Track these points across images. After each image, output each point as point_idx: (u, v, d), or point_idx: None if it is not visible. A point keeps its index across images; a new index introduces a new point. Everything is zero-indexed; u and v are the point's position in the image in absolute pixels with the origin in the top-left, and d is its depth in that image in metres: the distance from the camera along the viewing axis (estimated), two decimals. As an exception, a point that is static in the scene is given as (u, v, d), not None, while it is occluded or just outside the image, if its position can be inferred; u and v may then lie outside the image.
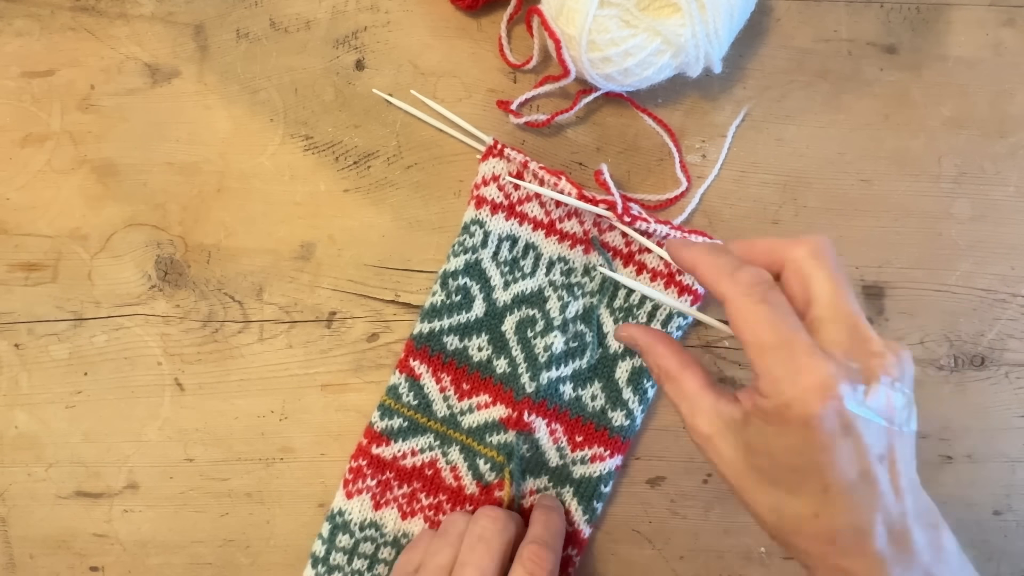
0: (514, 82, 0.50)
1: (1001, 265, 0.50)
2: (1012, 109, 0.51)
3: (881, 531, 0.34)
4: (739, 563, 0.50)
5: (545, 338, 0.48)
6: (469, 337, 0.49)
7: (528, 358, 0.48)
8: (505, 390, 0.48)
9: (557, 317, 0.48)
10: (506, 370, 0.48)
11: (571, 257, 0.49)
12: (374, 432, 0.48)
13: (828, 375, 0.33)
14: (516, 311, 0.49)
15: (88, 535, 0.49)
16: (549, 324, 0.48)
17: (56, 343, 0.49)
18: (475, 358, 0.49)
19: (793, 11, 0.51)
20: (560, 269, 0.49)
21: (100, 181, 0.49)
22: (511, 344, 0.49)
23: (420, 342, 0.48)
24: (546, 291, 0.49)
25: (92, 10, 0.50)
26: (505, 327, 0.49)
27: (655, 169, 0.50)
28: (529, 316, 0.49)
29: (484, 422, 0.48)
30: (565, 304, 0.48)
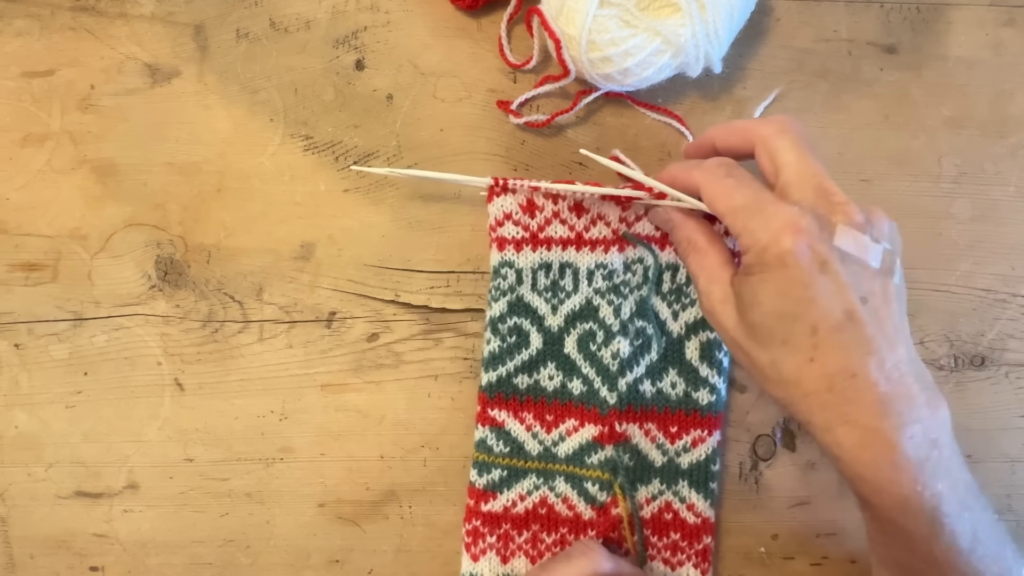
0: (514, 82, 0.50)
1: (1001, 265, 0.50)
2: (1012, 109, 0.51)
3: (877, 375, 0.36)
4: (739, 563, 0.50)
5: (609, 347, 0.48)
6: (537, 370, 0.48)
7: (600, 371, 0.48)
8: (588, 408, 0.48)
9: (614, 322, 0.48)
10: (582, 389, 0.48)
11: (607, 261, 0.48)
12: (477, 490, 0.48)
13: (795, 214, 0.37)
14: (572, 330, 0.48)
15: (88, 535, 0.49)
16: (609, 332, 0.48)
17: (56, 343, 0.49)
18: (549, 388, 0.48)
19: (793, 11, 0.51)
20: (600, 275, 0.48)
21: (100, 181, 0.49)
22: (579, 363, 0.48)
23: (492, 391, 0.48)
24: (594, 300, 0.48)
25: (92, 10, 0.50)
26: (567, 349, 0.48)
27: (656, 169, 0.50)
28: (587, 330, 0.48)
29: (579, 446, 0.48)
30: (617, 307, 0.48)
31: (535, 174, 0.50)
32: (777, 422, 0.50)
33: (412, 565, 0.49)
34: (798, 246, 0.36)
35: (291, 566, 0.49)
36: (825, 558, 0.50)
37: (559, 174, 0.50)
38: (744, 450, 0.50)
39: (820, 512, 0.50)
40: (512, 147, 0.50)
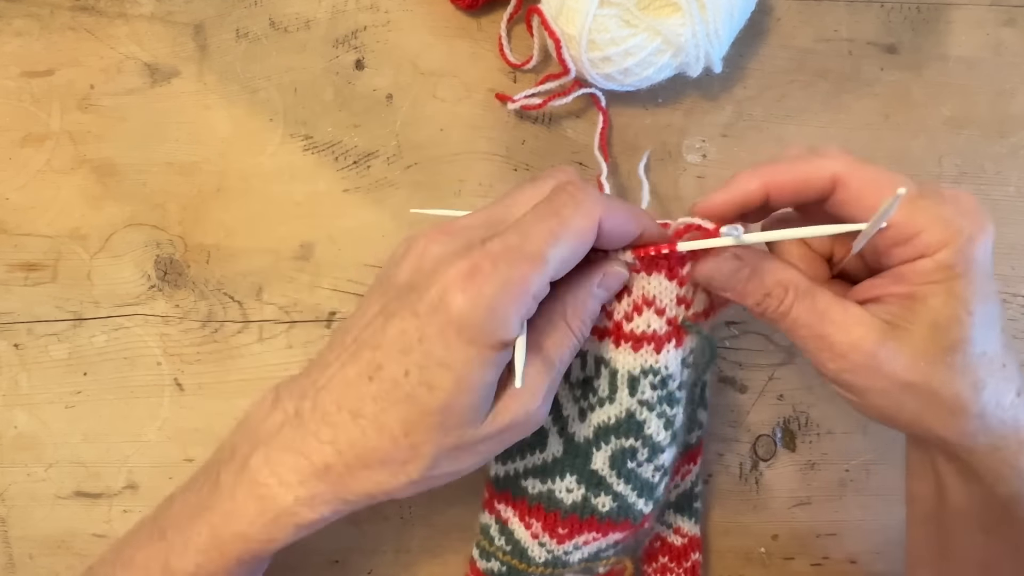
0: (514, 82, 0.50)
1: (1001, 265, 0.50)
2: (1012, 109, 0.51)
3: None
4: (739, 563, 0.50)
5: (655, 461, 0.39)
6: (552, 479, 0.40)
7: (638, 486, 0.39)
8: (617, 522, 0.40)
9: (664, 436, 0.38)
10: (612, 507, 0.40)
11: (660, 365, 0.37)
12: (479, 571, 0.44)
13: (973, 198, 0.32)
14: (605, 445, 0.39)
15: (88, 535, 0.49)
16: (655, 448, 0.38)
17: (56, 343, 0.49)
18: (567, 501, 0.40)
19: (793, 11, 0.51)
20: (649, 384, 0.38)
21: (100, 181, 0.49)
22: (611, 481, 0.39)
23: (499, 485, 0.42)
24: (639, 414, 0.38)
25: (92, 10, 0.50)
26: (596, 465, 0.39)
27: (655, 169, 0.50)
28: (626, 447, 0.38)
29: (597, 550, 0.41)
30: (670, 419, 0.38)
31: (535, 174, 0.50)
32: (777, 422, 0.50)
33: (412, 565, 0.49)
34: (990, 235, 0.32)
35: (290, 566, 0.49)
36: (826, 558, 0.50)
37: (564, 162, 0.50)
38: (744, 450, 0.50)
39: (820, 512, 0.50)
40: (512, 147, 0.50)
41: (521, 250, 0.32)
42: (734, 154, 0.50)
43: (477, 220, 0.35)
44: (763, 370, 0.50)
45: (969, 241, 0.31)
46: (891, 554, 0.50)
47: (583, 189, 0.34)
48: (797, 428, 0.50)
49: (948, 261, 0.32)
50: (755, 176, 0.34)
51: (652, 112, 0.50)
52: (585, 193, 0.34)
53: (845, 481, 0.50)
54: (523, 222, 0.33)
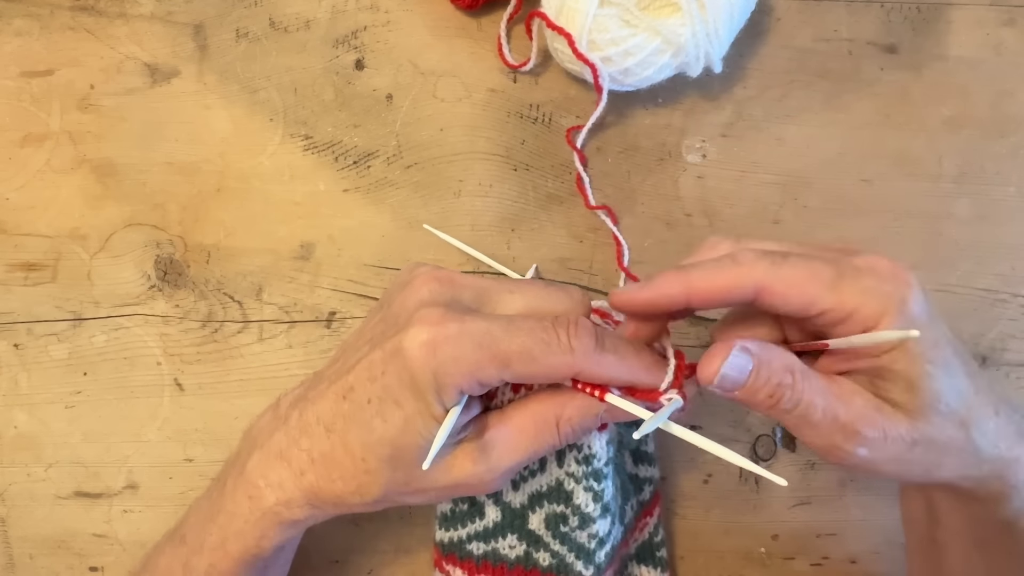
0: (514, 82, 0.50)
1: (1002, 265, 0.50)
2: (1013, 109, 0.50)
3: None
4: (739, 563, 0.50)
5: (587, 529, 0.41)
6: (495, 539, 0.43)
7: (574, 549, 0.41)
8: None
9: (593, 507, 0.40)
10: (552, 562, 0.42)
11: (584, 443, 0.40)
12: None
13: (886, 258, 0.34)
14: (539, 508, 0.42)
15: (88, 535, 0.49)
16: (585, 518, 0.40)
17: (55, 343, 0.49)
18: (511, 555, 0.43)
19: (793, 11, 0.50)
20: (574, 458, 0.40)
21: (99, 181, 0.49)
22: (547, 540, 0.42)
23: (445, 550, 0.44)
24: (566, 484, 0.41)
25: (92, 10, 0.50)
26: (533, 525, 0.42)
27: (655, 169, 0.50)
28: (557, 512, 0.41)
29: None
30: (598, 493, 0.40)
31: (535, 174, 0.50)
32: (777, 422, 0.50)
33: (412, 565, 0.49)
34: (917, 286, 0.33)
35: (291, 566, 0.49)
36: (826, 558, 0.50)
37: (559, 174, 0.50)
38: (744, 450, 0.50)
39: (820, 512, 0.50)
40: (512, 147, 0.50)
41: (494, 344, 0.34)
42: (734, 154, 0.50)
43: (474, 286, 0.37)
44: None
45: (902, 303, 0.32)
46: (891, 554, 0.50)
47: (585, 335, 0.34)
48: (797, 428, 0.50)
49: (891, 324, 0.32)
50: (678, 281, 0.34)
51: (652, 112, 0.50)
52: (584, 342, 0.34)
53: (845, 481, 0.50)
54: (514, 325, 0.34)
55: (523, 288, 0.37)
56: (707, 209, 0.50)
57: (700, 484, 0.50)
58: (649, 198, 0.50)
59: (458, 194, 0.50)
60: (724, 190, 0.50)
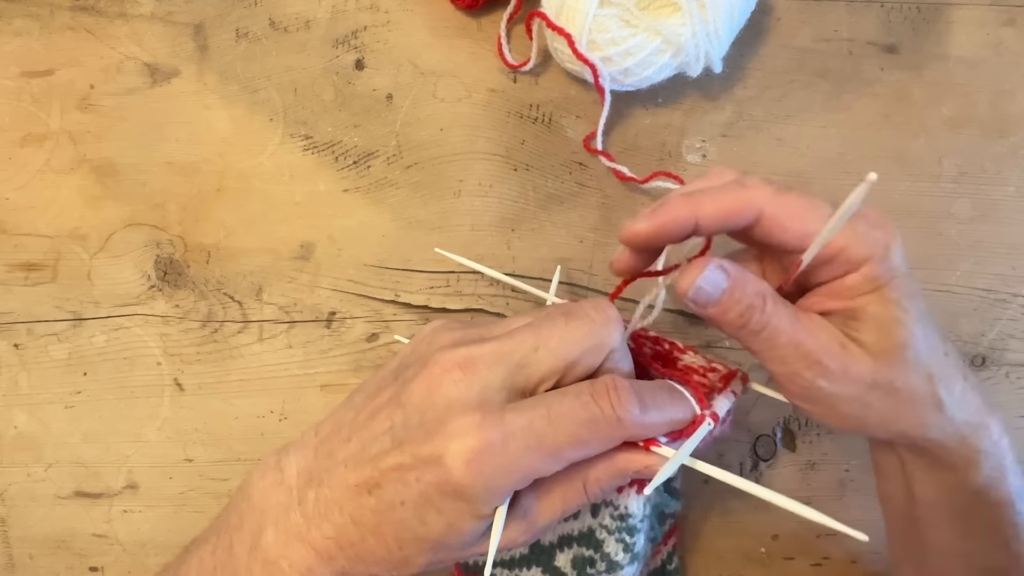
0: (514, 82, 0.50)
1: (1002, 265, 0.50)
2: (1013, 109, 0.50)
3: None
4: (739, 563, 0.50)
5: (613, 573, 0.40)
6: (520, 569, 0.43)
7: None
8: None
9: (623, 557, 0.40)
10: None
11: (620, 503, 0.39)
12: None
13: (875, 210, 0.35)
14: (567, 549, 0.42)
15: (88, 535, 0.49)
16: (613, 565, 0.40)
17: (55, 343, 0.49)
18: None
19: (793, 10, 0.50)
20: (609, 515, 0.40)
21: (99, 181, 0.49)
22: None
23: (467, 569, 0.44)
24: (598, 533, 0.40)
25: (91, 10, 0.50)
26: (559, 563, 0.42)
27: (655, 169, 0.50)
28: (586, 556, 0.41)
29: None
30: (629, 545, 0.39)
31: (535, 174, 0.50)
32: (778, 422, 0.50)
33: (412, 565, 0.49)
34: (899, 239, 0.35)
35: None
36: (826, 558, 0.50)
37: (559, 174, 0.50)
38: (744, 450, 0.50)
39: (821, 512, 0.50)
40: (512, 147, 0.50)
41: (542, 440, 0.32)
42: (734, 154, 0.50)
43: (498, 358, 0.34)
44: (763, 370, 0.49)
45: (886, 249, 0.34)
46: (891, 554, 0.50)
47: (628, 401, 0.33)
48: (797, 428, 0.50)
49: (874, 272, 0.34)
50: (686, 204, 0.34)
51: (652, 112, 0.50)
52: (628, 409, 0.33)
53: (845, 481, 0.50)
54: (555, 408, 0.33)
55: (547, 339, 0.35)
56: (707, 209, 0.50)
57: (700, 484, 0.50)
58: (649, 198, 0.50)
59: (458, 194, 0.50)
60: (724, 190, 0.50)
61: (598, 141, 0.48)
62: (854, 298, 0.35)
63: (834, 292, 0.35)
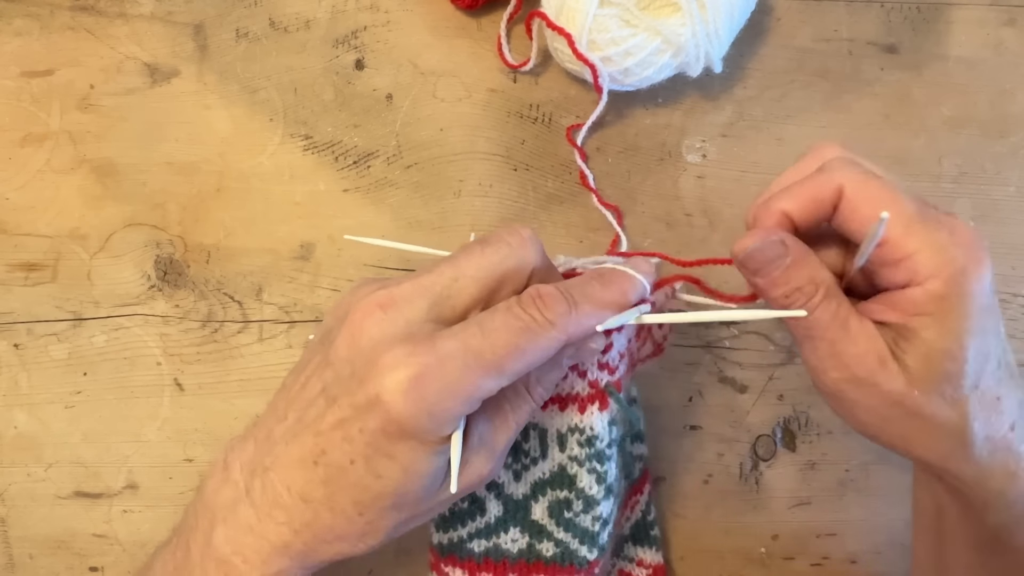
0: (514, 82, 0.50)
1: (1002, 265, 0.50)
2: (1013, 109, 0.50)
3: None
4: (739, 563, 0.50)
5: (591, 512, 0.40)
6: (496, 535, 0.42)
7: (578, 534, 0.41)
8: (563, 566, 0.41)
9: (597, 489, 0.40)
10: (555, 551, 0.41)
11: (585, 424, 0.39)
12: None
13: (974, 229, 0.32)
14: (541, 497, 0.41)
15: (87, 535, 0.49)
16: (590, 500, 0.40)
17: (55, 343, 0.49)
18: (513, 549, 0.42)
19: (793, 11, 0.50)
20: (576, 441, 0.40)
21: (99, 181, 0.49)
22: (551, 528, 0.41)
23: (444, 551, 0.43)
24: (569, 468, 0.40)
25: (91, 10, 0.50)
26: (536, 515, 0.41)
27: (655, 169, 0.50)
28: (561, 499, 0.40)
29: None
30: (601, 475, 0.40)
31: (535, 174, 0.50)
32: (777, 422, 0.50)
33: (412, 565, 0.49)
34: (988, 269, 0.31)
35: (291, 566, 0.49)
36: (826, 558, 0.50)
37: (559, 174, 0.50)
38: (744, 450, 0.50)
39: (821, 512, 0.50)
40: (512, 147, 0.50)
41: (479, 356, 0.31)
42: (734, 154, 0.50)
43: (418, 291, 0.33)
44: (763, 370, 0.50)
45: (962, 273, 0.31)
46: (891, 554, 0.50)
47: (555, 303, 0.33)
48: (797, 428, 0.50)
49: (939, 292, 0.31)
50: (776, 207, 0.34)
51: (652, 112, 0.50)
52: (557, 310, 0.33)
53: (845, 481, 0.50)
54: (486, 324, 0.32)
55: (465, 268, 0.34)
56: (707, 209, 0.50)
57: (700, 484, 0.50)
58: (649, 198, 0.50)
59: (458, 194, 0.50)
60: (724, 190, 0.50)
61: (580, 136, 0.48)
62: (911, 316, 0.32)
63: (895, 303, 0.33)
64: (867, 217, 0.32)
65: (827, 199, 0.33)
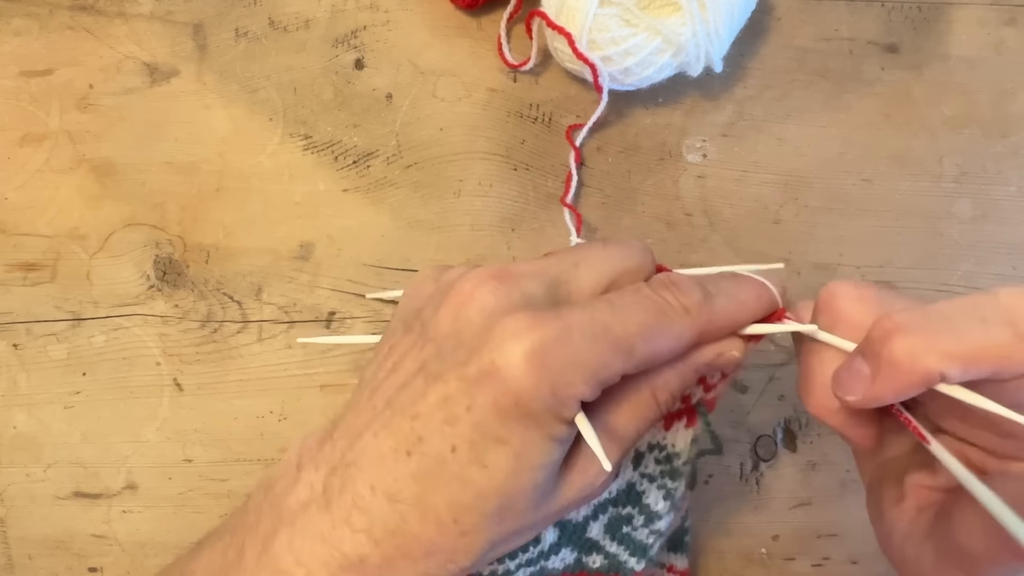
0: (514, 81, 0.50)
1: (1002, 265, 0.50)
2: (1014, 108, 0.50)
3: None
4: (740, 564, 0.50)
5: (650, 527, 0.38)
6: (547, 559, 0.38)
7: (631, 547, 0.38)
8: (607, 575, 0.39)
9: (662, 506, 0.37)
10: (602, 563, 0.39)
11: (668, 442, 0.37)
12: None
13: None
14: (602, 515, 0.39)
15: (87, 536, 0.49)
16: (652, 516, 0.38)
17: (55, 343, 0.49)
18: (559, 567, 0.39)
19: (794, 10, 0.50)
20: (654, 459, 0.37)
21: (99, 181, 0.49)
22: (603, 544, 0.39)
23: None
24: (639, 485, 0.38)
25: (91, 9, 0.50)
26: (592, 533, 0.39)
27: (655, 168, 0.50)
28: (623, 515, 0.38)
29: None
30: (670, 491, 0.37)
31: (535, 174, 0.50)
32: (778, 422, 0.50)
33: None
34: None
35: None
36: (826, 559, 0.50)
37: (560, 174, 0.50)
38: (745, 451, 0.50)
39: (821, 513, 0.50)
40: (512, 147, 0.50)
41: (608, 332, 0.28)
42: (734, 154, 0.50)
43: (538, 274, 0.30)
44: (764, 370, 0.50)
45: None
46: (892, 555, 0.50)
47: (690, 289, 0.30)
48: (798, 428, 0.50)
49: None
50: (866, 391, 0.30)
51: (652, 112, 0.50)
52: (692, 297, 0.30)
53: (846, 481, 0.50)
54: (617, 301, 0.29)
55: (587, 256, 0.31)
56: (707, 209, 0.50)
57: (700, 484, 0.50)
58: (649, 198, 0.50)
59: (458, 194, 0.49)
60: (724, 190, 0.50)
61: (580, 136, 0.48)
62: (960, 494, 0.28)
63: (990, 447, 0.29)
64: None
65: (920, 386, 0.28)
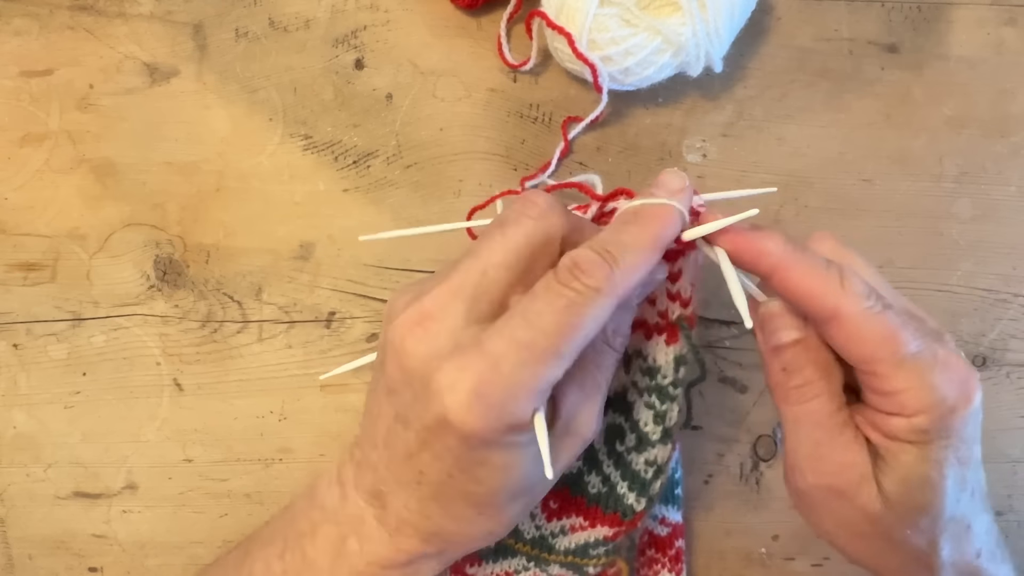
0: (514, 81, 0.50)
1: (1003, 265, 0.50)
2: (1014, 109, 0.50)
3: None
4: (740, 564, 0.50)
5: (644, 453, 0.39)
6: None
7: (627, 476, 0.39)
8: (606, 513, 0.40)
9: (652, 429, 0.38)
10: (601, 489, 0.40)
11: (649, 353, 0.38)
12: None
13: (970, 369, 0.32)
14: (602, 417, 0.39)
15: (87, 536, 0.49)
16: (643, 439, 0.38)
17: (55, 343, 0.49)
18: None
19: (794, 10, 0.50)
20: (640, 367, 0.38)
21: (99, 181, 0.49)
22: (600, 457, 0.40)
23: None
24: (629, 395, 0.39)
25: (91, 9, 0.50)
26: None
27: (655, 168, 0.50)
28: (615, 424, 0.39)
29: (584, 543, 0.40)
30: (660, 414, 0.38)
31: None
32: (778, 422, 0.50)
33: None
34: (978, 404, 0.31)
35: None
36: (826, 559, 0.50)
37: (560, 175, 0.50)
38: (745, 450, 0.50)
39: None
40: (512, 147, 0.50)
41: (532, 348, 0.30)
42: (734, 154, 0.50)
43: (450, 297, 0.32)
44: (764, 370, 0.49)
45: (951, 411, 0.31)
46: (892, 554, 0.50)
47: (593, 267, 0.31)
48: (797, 428, 0.50)
49: (923, 427, 0.31)
50: (773, 262, 0.33)
51: (652, 112, 0.50)
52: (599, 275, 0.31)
53: None
54: (529, 312, 0.30)
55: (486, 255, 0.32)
56: (707, 209, 0.50)
57: (700, 484, 0.50)
58: (649, 198, 0.50)
59: (458, 194, 0.49)
60: (724, 190, 0.50)
61: (576, 130, 0.48)
62: (893, 440, 0.32)
63: (878, 424, 0.32)
64: (861, 352, 0.31)
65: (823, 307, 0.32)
